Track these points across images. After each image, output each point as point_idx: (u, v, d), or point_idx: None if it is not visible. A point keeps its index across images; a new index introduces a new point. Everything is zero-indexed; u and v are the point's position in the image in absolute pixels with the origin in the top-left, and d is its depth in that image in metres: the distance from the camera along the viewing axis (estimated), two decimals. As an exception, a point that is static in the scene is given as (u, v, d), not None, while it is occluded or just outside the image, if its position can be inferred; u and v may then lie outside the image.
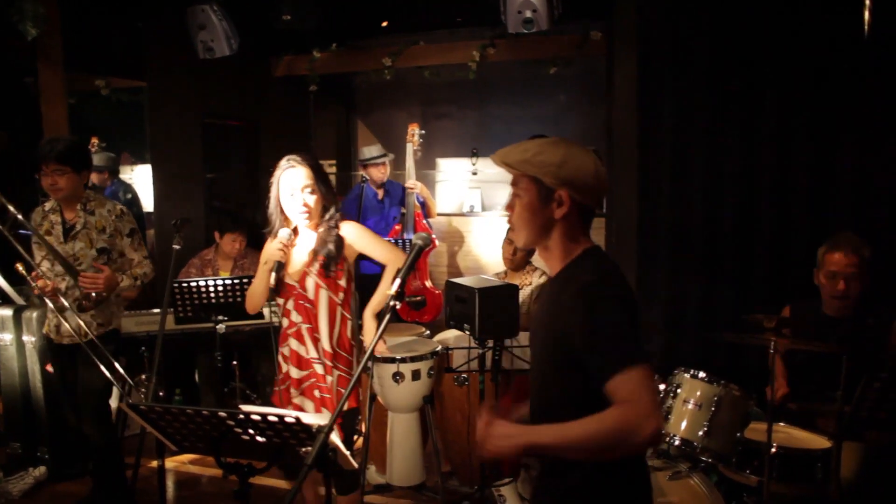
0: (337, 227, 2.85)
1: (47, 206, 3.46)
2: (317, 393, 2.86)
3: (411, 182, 5.26)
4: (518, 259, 4.12)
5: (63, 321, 3.33)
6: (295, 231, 2.90)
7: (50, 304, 3.34)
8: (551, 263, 1.80)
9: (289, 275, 2.85)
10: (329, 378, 2.85)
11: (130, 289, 3.45)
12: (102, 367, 3.24)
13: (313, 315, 2.84)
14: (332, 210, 2.86)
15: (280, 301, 2.89)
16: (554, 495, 1.76)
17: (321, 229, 2.85)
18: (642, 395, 1.51)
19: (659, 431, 1.52)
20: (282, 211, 2.84)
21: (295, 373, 2.88)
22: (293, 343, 2.88)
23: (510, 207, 1.80)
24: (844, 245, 3.04)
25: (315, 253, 2.82)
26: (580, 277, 1.68)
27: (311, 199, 2.79)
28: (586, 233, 1.78)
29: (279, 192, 2.83)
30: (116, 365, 3.30)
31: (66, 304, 3.31)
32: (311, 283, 2.82)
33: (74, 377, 3.44)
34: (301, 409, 2.87)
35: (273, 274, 2.77)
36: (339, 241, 2.83)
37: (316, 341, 2.85)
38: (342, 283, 2.86)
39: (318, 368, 2.86)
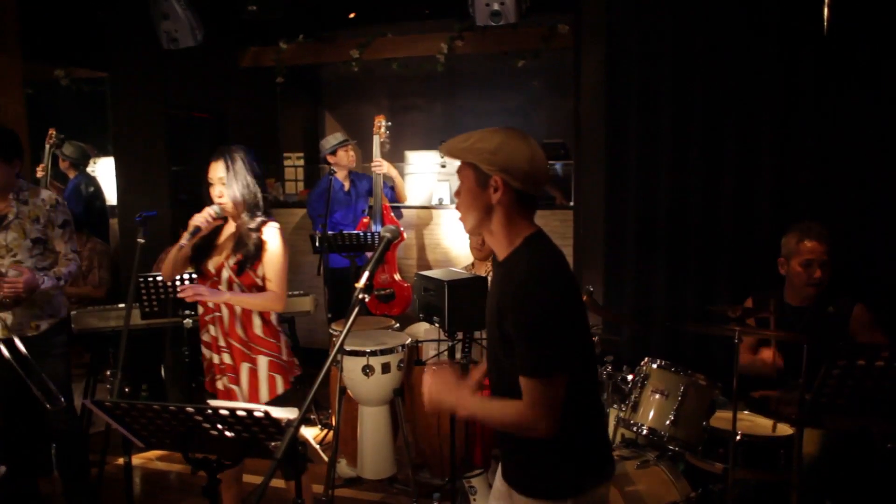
0: (260, 229, 2.89)
1: None
2: (225, 380, 2.94)
3: (377, 160, 5.20)
4: (487, 249, 4.12)
5: (10, 315, 3.26)
6: (226, 221, 2.97)
7: None
8: (498, 248, 1.91)
9: (210, 259, 2.92)
10: (247, 364, 2.92)
11: (53, 289, 3.33)
12: (21, 371, 3.13)
13: (224, 307, 2.91)
14: (252, 212, 2.90)
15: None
16: (522, 460, 1.94)
17: (242, 229, 2.90)
18: (538, 404, 1.74)
19: (550, 430, 1.75)
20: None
21: (216, 359, 2.97)
22: (211, 329, 2.96)
23: (458, 194, 1.92)
24: (817, 233, 3.10)
25: (233, 248, 2.89)
26: (518, 270, 1.81)
27: (226, 192, 2.87)
28: (528, 216, 1.88)
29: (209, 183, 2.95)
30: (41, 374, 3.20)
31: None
32: (225, 274, 2.89)
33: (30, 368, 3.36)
34: (226, 394, 2.94)
35: (186, 235, 2.81)
36: (258, 245, 2.88)
37: (228, 331, 2.92)
38: (258, 281, 2.91)
39: (227, 358, 2.93)
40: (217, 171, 2.89)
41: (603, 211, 4.30)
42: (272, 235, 2.91)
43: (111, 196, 5.82)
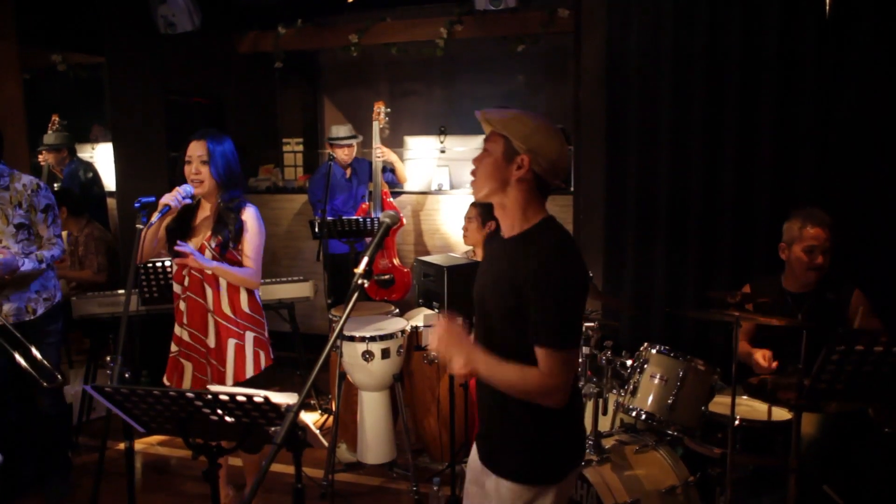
0: (239, 210, 2.96)
1: None
2: (198, 358, 3.02)
3: (378, 147, 5.23)
4: (471, 237, 4.10)
5: (5, 300, 3.27)
6: (200, 203, 3.02)
7: None
8: (507, 222, 1.97)
9: (189, 242, 2.95)
10: (235, 340, 2.99)
11: (35, 272, 3.32)
12: (18, 357, 3.16)
13: (208, 283, 2.96)
14: (231, 193, 2.97)
15: (174, 266, 3.05)
16: (505, 446, 1.98)
17: (222, 210, 2.96)
18: (557, 374, 1.81)
19: (562, 401, 1.84)
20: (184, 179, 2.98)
21: (187, 336, 3.03)
22: (182, 306, 3.02)
23: (477, 161, 1.97)
24: (819, 220, 3.09)
25: (213, 230, 2.94)
26: (541, 246, 1.86)
27: (203, 170, 2.91)
28: (542, 202, 1.96)
29: (184, 161, 2.98)
30: (34, 351, 3.22)
31: None
32: (207, 255, 2.93)
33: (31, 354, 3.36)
34: (194, 370, 3.04)
35: (157, 215, 2.81)
36: (241, 225, 2.95)
37: (213, 309, 2.98)
38: (242, 259, 2.98)
39: (210, 340, 2.99)
40: (198, 149, 2.93)
41: (603, 196, 4.30)
42: (252, 216, 2.99)
43: (110, 182, 5.80)
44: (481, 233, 4.09)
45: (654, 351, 3.09)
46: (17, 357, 3.15)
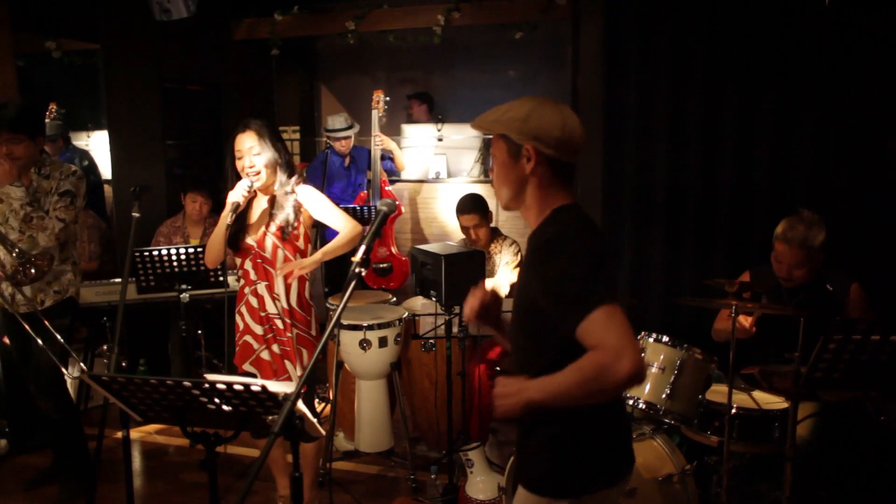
0: (293, 191, 2.96)
1: None
2: (276, 348, 2.99)
3: (377, 135, 5.22)
4: (484, 239, 4.11)
5: (18, 291, 3.24)
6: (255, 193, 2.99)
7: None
8: (530, 220, 1.82)
9: (248, 235, 2.96)
10: (288, 334, 2.99)
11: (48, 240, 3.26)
12: (39, 341, 3.15)
13: (271, 274, 2.96)
14: (286, 175, 2.96)
15: (238, 261, 3.05)
16: (529, 454, 1.81)
17: (277, 193, 2.95)
18: (607, 336, 1.53)
19: (635, 366, 1.51)
20: (237, 174, 2.96)
21: (257, 329, 2.99)
22: (252, 301, 3.00)
23: (491, 170, 1.85)
24: (791, 237, 3.02)
25: (272, 215, 2.94)
26: (543, 236, 1.73)
27: (258, 161, 2.90)
28: (565, 187, 1.78)
29: (234, 157, 2.95)
30: (59, 338, 3.21)
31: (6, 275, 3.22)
32: (269, 242, 2.93)
33: (28, 350, 3.35)
34: (267, 363, 2.99)
35: (231, 215, 2.84)
36: (297, 206, 2.95)
37: (275, 298, 2.97)
38: (300, 244, 3.00)
39: (279, 323, 2.98)
40: (245, 141, 2.90)
41: (600, 184, 4.28)
42: (306, 191, 2.98)
43: (106, 170, 5.78)
44: (488, 229, 4.11)
45: (651, 340, 3.09)
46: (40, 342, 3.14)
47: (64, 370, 3.26)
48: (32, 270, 3.18)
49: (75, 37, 5.40)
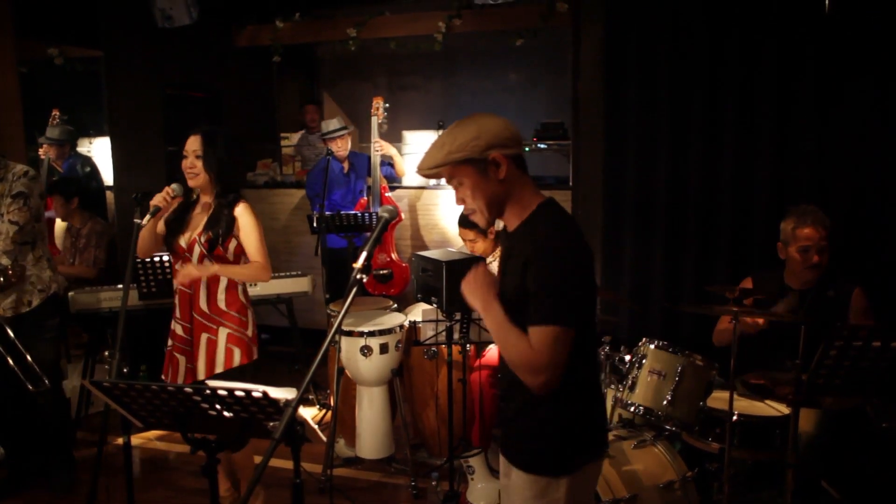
0: (232, 207, 3.00)
1: None
2: (202, 347, 3.04)
3: (376, 141, 5.23)
4: (482, 252, 4.11)
5: (1, 294, 3.27)
6: (198, 197, 3.07)
7: None
8: (511, 218, 1.91)
9: (182, 238, 3.01)
10: (210, 335, 3.02)
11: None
12: (8, 358, 3.18)
13: (196, 279, 3.01)
14: (226, 189, 3.02)
15: (173, 261, 3.11)
16: (522, 437, 1.94)
17: (214, 206, 3.01)
18: (544, 351, 1.74)
19: (545, 385, 1.76)
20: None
21: (180, 330, 3.07)
22: (176, 300, 3.08)
23: (461, 200, 1.91)
24: (813, 219, 3.08)
25: (206, 225, 2.99)
26: (539, 229, 1.83)
27: (198, 163, 2.96)
28: (530, 182, 1.90)
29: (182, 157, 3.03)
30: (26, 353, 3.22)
31: None
32: (196, 250, 2.99)
33: (21, 355, 3.35)
34: (175, 360, 3.08)
35: (148, 216, 2.90)
36: (231, 222, 2.99)
37: (194, 304, 3.02)
38: (229, 255, 3.03)
39: (178, 329, 3.06)
40: (193, 144, 2.98)
41: (601, 191, 4.29)
42: (244, 211, 3.02)
43: (107, 176, 5.79)
44: (489, 239, 4.10)
45: (652, 346, 3.09)
46: (9, 360, 3.15)
47: (29, 386, 3.24)
48: (1, 279, 3.20)
49: (78, 44, 5.43)
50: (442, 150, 1.83)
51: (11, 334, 3.19)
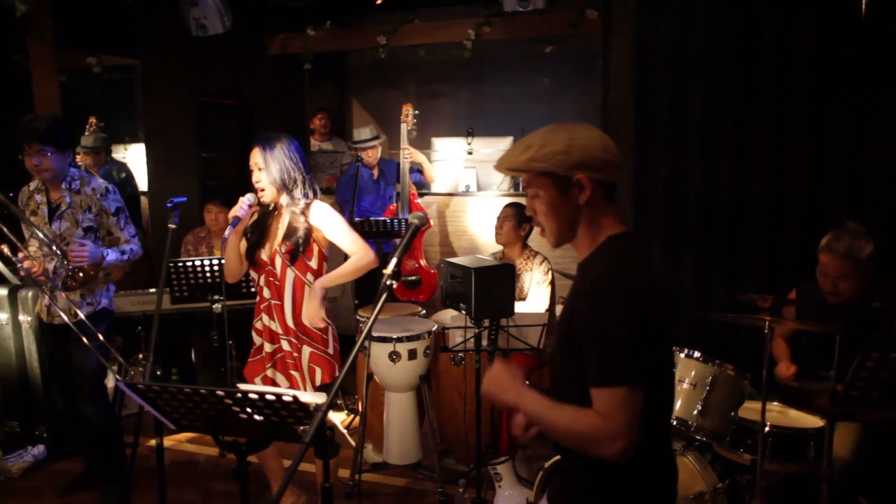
0: (305, 212, 2.92)
1: (32, 185, 3.40)
2: (283, 366, 3.01)
3: (406, 148, 5.27)
4: (507, 234, 4.13)
5: (53, 302, 3.32)
6: (276, 206, 3.00)
7: (38, 286, 3.33)
8: (580, 249, 1.72)
9: (262, 250, 2.97)
10: (296, 354, 2.99)
11: (118, 264, 3.38)
12: (92, 347, 3.25)
13: (281, 292, 2.96)
14: (298, 193, 2.93)
15: (254, 276, 3.05)
16: (570, 495, 1.73)
17: (289, 213, 2.94)
18: (616, 415, 1.51)
19: (624, 452, 1.52)
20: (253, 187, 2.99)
21: (268, 347, 3.02)
22: (265, 318, 3.02)
23: (532, 211, 1.73)
24: (836, 247, 2.95)
25: (285, 236, 2.92)
26: (594, 267, 1.64)
27: (263, 177, 2.89)
28: (613, 212, 1.70)
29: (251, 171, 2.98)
30: (108, 346, 3.30)
31: (57, 284, 3.30)
32: (279, 262, 2.93)
33: (64, 358, 3.42)
34: (273, 382, 3.02)
35: (229, 228, 2.86)
36: (307, 230, 2.92)
37: (283, 318, 2.97)
38: (312, 263, 2.96)
39: (285, 344, 2.99)
40: (255, 157, 2.91)
41: (631, 199, 4.26)
42: (319, 211, 2.95)
43: (142, 182, 5.90)
44: (516, 233, 4.12)
45: (682, 355, 3.06)
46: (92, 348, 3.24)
47: (114, 374, 3.31)
48: (81, 274, 3.30)
49: (115, 52, 5.54)
50: (525, 153, 1.65)
51: (77, 332, 3.29)
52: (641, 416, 1.53)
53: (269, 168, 2.88)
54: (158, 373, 4.62)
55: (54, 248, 3.23)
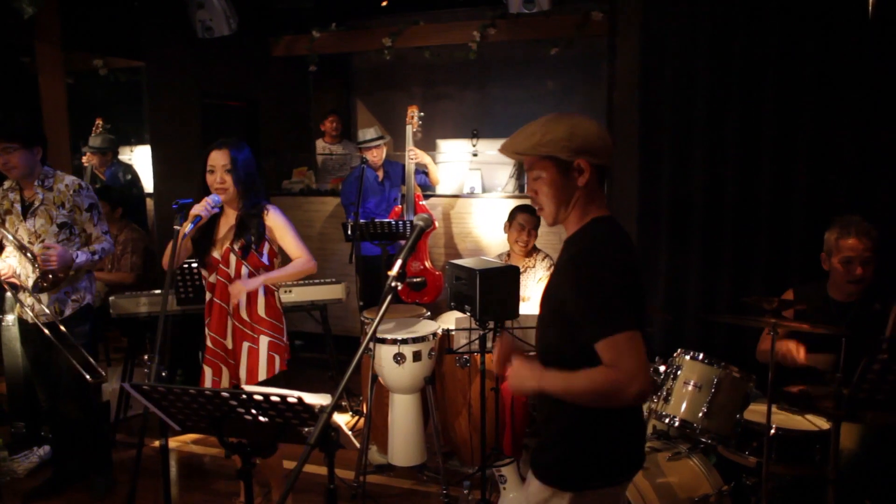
0: (261, 213, 3.04)
1: (6, 184, 3.45)
2: (243, 356, 3.07)
3: (411, 150, 5.27)
4: (530, 245, 4.16)
5: (36, 301, 3.36)
6: (222, 210, 3.08)
7: (13, 288, 3.36)
8: (568, 227, 1.90)
9: (214, 250, 3.05)
10: (251, 345, 3.05)
11: (89, 264, 3.39)
12: (78, 346, 3.31)
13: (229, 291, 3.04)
14: (255, 197, 3.05)
15: (205, 274, 3.12)
16: (543, 444, 1.92)
17: (244, 216, 3.03)
18: (623, 360, 1.66)
19: (643, 391, 1.67)
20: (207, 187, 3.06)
21: (209, 341, 3.12)
22: (217, 312, 3.09)
23: (533, 192, 1.89)
24: (857, 229, 3.00)
25: (236, 234, 3.01)
26: (578, 245, 1.82)
27: (228, 178, 2.99)
28: (601, 196, 1.88)
29: (206, 171, 3.05)
30: (80, 347, 3.35)
31: (27, 286, 3.34)
32: (232, 259, 3.02)
33: (49, 357, 3.45)
34: (212, 375, 3.13)
35: (188, 225, 2.88)
36: (261, 227, 3.03)
37: (234, 312, 3.05)
38: (264, 260, 3.06)
39: (247, 331, 3.06)
40: (220, 158, 3.01)
41: (636, 200, 4.26)
42: (274, 214, 3.07)
43: (148, 184, 5.92)
44: (534, 239, 4.16)
45: (687, 357, 3.05)
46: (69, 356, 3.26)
47: (87, 376, 3.34)
48: (50, 276, 3.31)
49: (121, 54, 5.56)
50: (531, 139, 1.82)
51: (48, 333, 3.31)
52: (646, 356, 1.68)
53: (236, 169, 2.98)
54: (164, 374, 4.61)
55: (26, 252, 3.26)
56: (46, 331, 3.31)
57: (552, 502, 1.86)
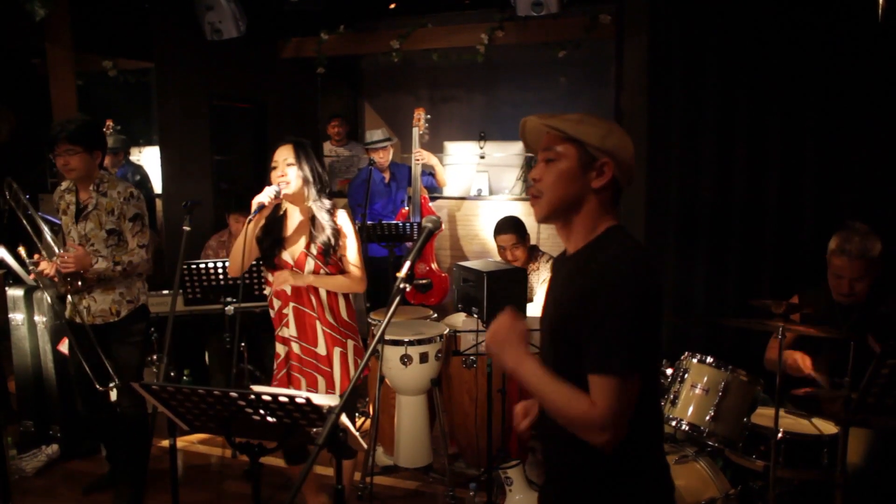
0: (333, 214, 2.94)
1: (64, 185, 3.48)
2: (312, 371, 2.97)
3: (417, 151, 5.28)
4: (521, 259, 4.13)
5: (93, 301, 3.39)
6: (286, 211, 2.99)
7: (50, 288, 3.38)
8: (572, 238, 1.70)
9: (284, 251, 2.93)
10: (339, 349, 2.97)
11: (108, 273, 3.36)
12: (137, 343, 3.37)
13: (311, 294, 2.93)
14: (320, 193, 2.94)
15: (270, 279, 2.96)
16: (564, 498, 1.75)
17: (317, 214, 2.92)
18: (607, 405, 1.52)
19: (611, 443, 1.52)
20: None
21: (297, 348, 2.97)
22: (289, 318, 2.96)
23: (538, 175, 1.69)
24: (850, 249, 2.94)
25: (313, 236, 2.90)
26: (601, 257, 1.60)
27: (290, 171, 2.89)
28: (615, 213, 1.70)
29: (272, 168, 2.95)
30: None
31: (67, 286, 3.35)
32: (310, 264, 2.90)
33: (98, 358, 3.44)
34: (307, 385, 2.98)
35: (253, 214, 2.81)
36: (336, 230, 2.93)
37: (317, 319, 2.94)
38: (342, 265, 2.97)
39: (320, 349, 2.96)
40: (283, 153, 2.91)
41: (643, 202, 4.25)
42: (345, 220, 2.97)
43: (157, 185, 5.95)
44: (525, 249, 4.13)
45: (694, 360, 3.05)
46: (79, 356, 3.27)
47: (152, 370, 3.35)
48: (79, 282, 3.34)
49: (131, 56, 5.60)
50: (567, 121, 1.66)
51: (93, 337, 3.34)
52: (633, 408, 1.53)
53: (301, 165, 2.89)
54: (172, 374, 4.65)
55: (59, 250, 3.29)
56: (91, 333, 3.33)
57: None
